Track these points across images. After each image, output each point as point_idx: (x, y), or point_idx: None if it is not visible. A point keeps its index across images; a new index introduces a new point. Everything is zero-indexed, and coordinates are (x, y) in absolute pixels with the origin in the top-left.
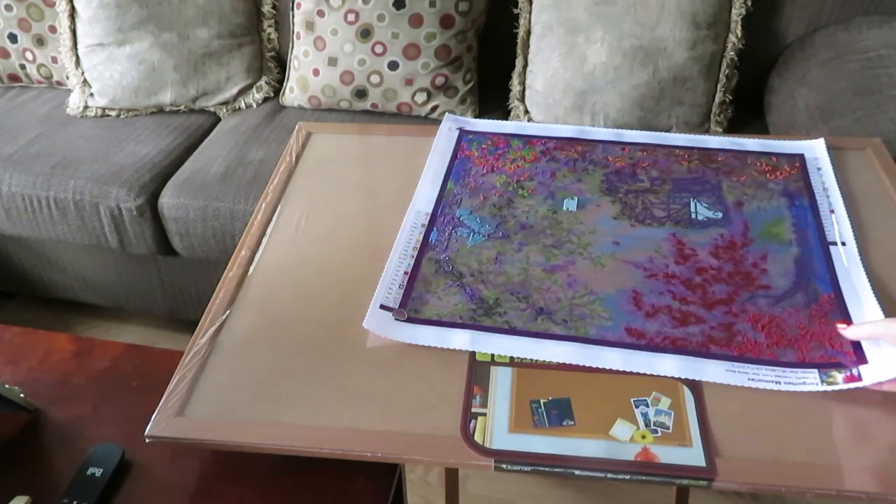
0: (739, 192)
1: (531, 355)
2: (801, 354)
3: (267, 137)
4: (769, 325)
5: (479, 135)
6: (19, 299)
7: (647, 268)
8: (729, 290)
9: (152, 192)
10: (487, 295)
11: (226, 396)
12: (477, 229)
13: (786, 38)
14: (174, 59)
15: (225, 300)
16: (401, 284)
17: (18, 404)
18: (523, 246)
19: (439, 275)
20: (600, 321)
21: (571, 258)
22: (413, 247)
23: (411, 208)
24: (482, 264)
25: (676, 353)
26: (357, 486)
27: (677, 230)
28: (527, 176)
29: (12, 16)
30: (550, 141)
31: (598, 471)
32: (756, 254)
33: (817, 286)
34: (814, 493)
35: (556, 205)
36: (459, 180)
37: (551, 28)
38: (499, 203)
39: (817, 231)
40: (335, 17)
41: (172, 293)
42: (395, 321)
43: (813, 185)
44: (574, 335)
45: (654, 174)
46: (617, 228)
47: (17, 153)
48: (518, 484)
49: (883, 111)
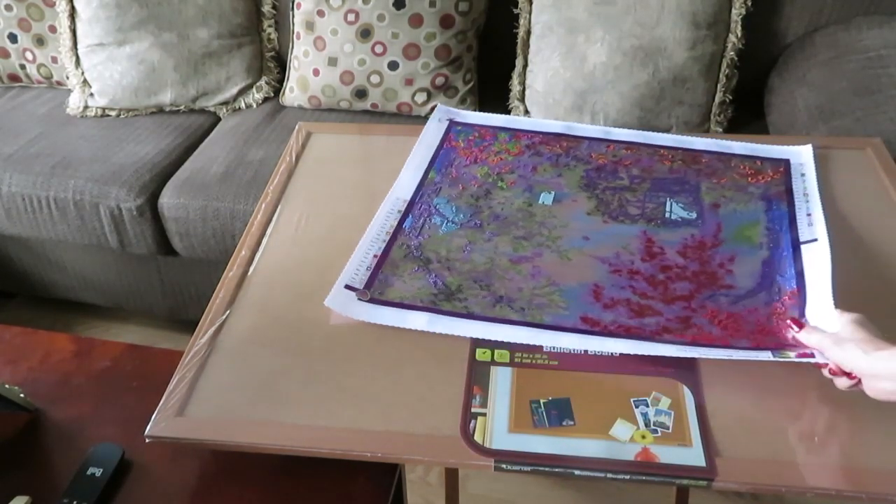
0: (718, 193)
1: (483, 336)
2: (755, 343)
3: (267, 137)
4: (726, 320)
5: (467, 126)
6: (19, 299)
7: (613, 263)
8: (691, 287)
9: (152, 192)
10: (451, 281)
11: (226, 396)
12: (451, 218)
13: (786, 38)
14: (174, 59)
15: (225, 300)
16: (368, 267)
17: (18, 404)
18: (494, 236)
19: (408, 259)
20: (557, 310)
21: (539, 250)
22: (386, 231)
23: (390, 194)
24: (451, 252)
25: (629, 338)
26: (357, 486)
27: (649, 228)
28: (508, 169)
29: (12, 16)
30: (537, 135)
31: (598, 471)
32: (724, 255)
33: (781, 284)
34: (814, 493)
35: (532, 198)
36: (441, 170)
37: (551, 28)
38: (476, 194)
39: (791, 234)
40: (335, 17)
41: (172, 293)
42: (357, 301)
43: (794, 191)
44: (529, 321)
45: (635, 172)
46: (589, 224)
47: (17, 153)
48: (518, 484)
49: (883, 111)
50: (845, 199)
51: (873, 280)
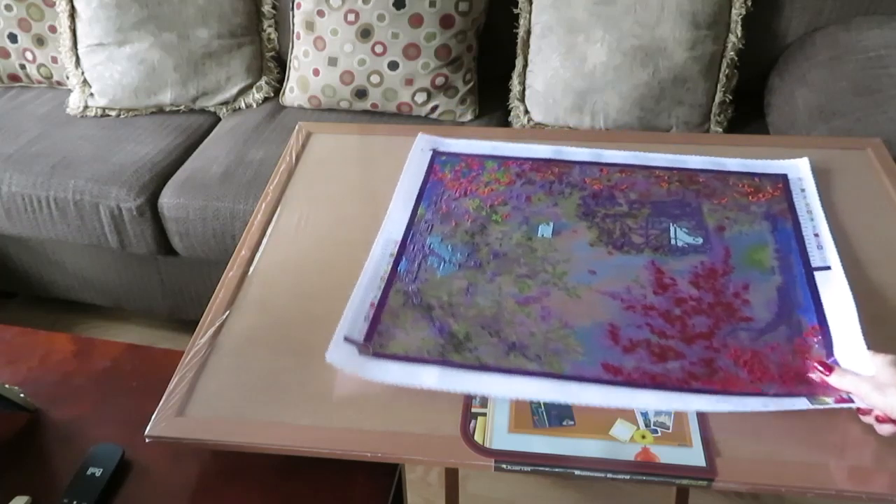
0: (721, 215)
1: (503, 394)
2: (787, 389)
3: (267, 137)
4: (751, 360)
5: (452, 156)
6: (19, 299)
7: (625, 298)
8: (709, 322)
9: (152, 192)
10: (457, 329)
11: (226, 396)
12: (448, 258)
13: (786, 38)
14: (174, 59)
15: (225, 300)
16: (367, 316)
17: (18, 404)
18: (496, 276)
19: (408, 307)
20: (575, 356)
21: (546, 289)
22: (381, 276)
23: (381, 235)
24: (452, 296)
25: (656, 388)
26: (357, 486)
27: (656, 257)
28: (501, 200)
29: (12, 16)
30: (526, 162)
31: (598, 471)
32: (737, 283)
33: (801, 317)
34: (814, 493)
35: (530, 231)
36: (431, 205)
37: (551, 28)
38: (471, 230)
39: (801, 257)
40: (335, 17)
41: (172, 293)
42: (359, 355)
43: (797, 208)
44: (548, 371)
45: (633, 197)
46: (593, 256)
47: (17, 153)
48: (518, 484)
49: (883, 111)
50: (845, 200)
51: (873, 280)
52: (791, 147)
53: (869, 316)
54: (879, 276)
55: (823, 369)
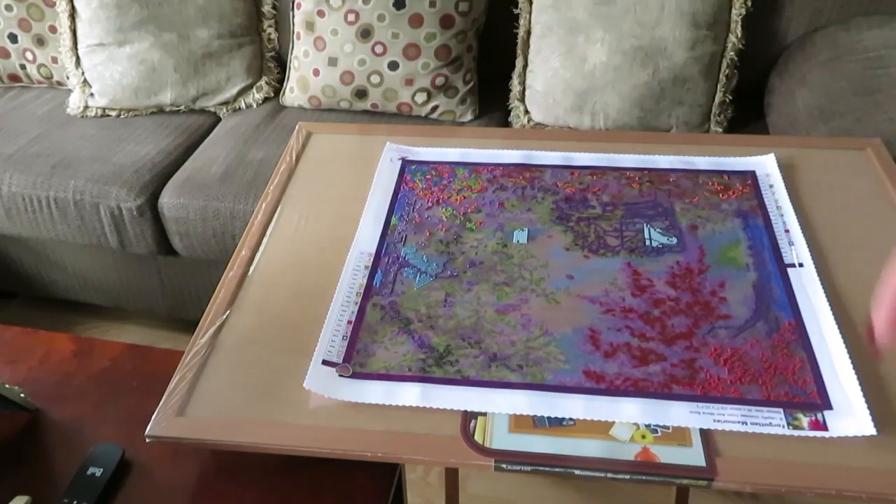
0: (693, 214)
1: (485, 409)
2: (766, 391)
3: (267, 137)
4: (731, 358)
5: (422, 164)
6: (19, 299)
7: (604, 302)
8: (688, 322)
9: (152, 192)
10: (437, 342)
11: (226, 396)
12: (423, 269)
13: (786, 38)
14: (174, 59)
15: (225, 300)
16: (344, 335)
17: (18, 404)
18: (473, 285)
19: (385, 322)
20: (557, 364)
21: (524, 296)
22: (356, 292)
23: (353, 249)
24: (430, 308)
25: (638, 395)
26: (357, 486)
27: (632, 259)
28: (474, 207)
29: (12, 16)
30: (497, 168)
31: (598, 471)
32: (714, 281)
33: (778, 313)
34: (814, 493)
35: (505, 238)
36: (403, 215)
37: (551, 28)
38: (445, 239)
39: (773, 253)
40: (335, 18)
41: (172, 293)
42: (338, 377)
43: (766, 205)
44: (531, 382)
45: (606, 199)
46: (570, 260)
47: (18, 153)
48: (518, 484)
49: (883, 111)
50: (845, 200)
51: (872, 281)
52: (791, 147)
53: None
54: (878, 276)
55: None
